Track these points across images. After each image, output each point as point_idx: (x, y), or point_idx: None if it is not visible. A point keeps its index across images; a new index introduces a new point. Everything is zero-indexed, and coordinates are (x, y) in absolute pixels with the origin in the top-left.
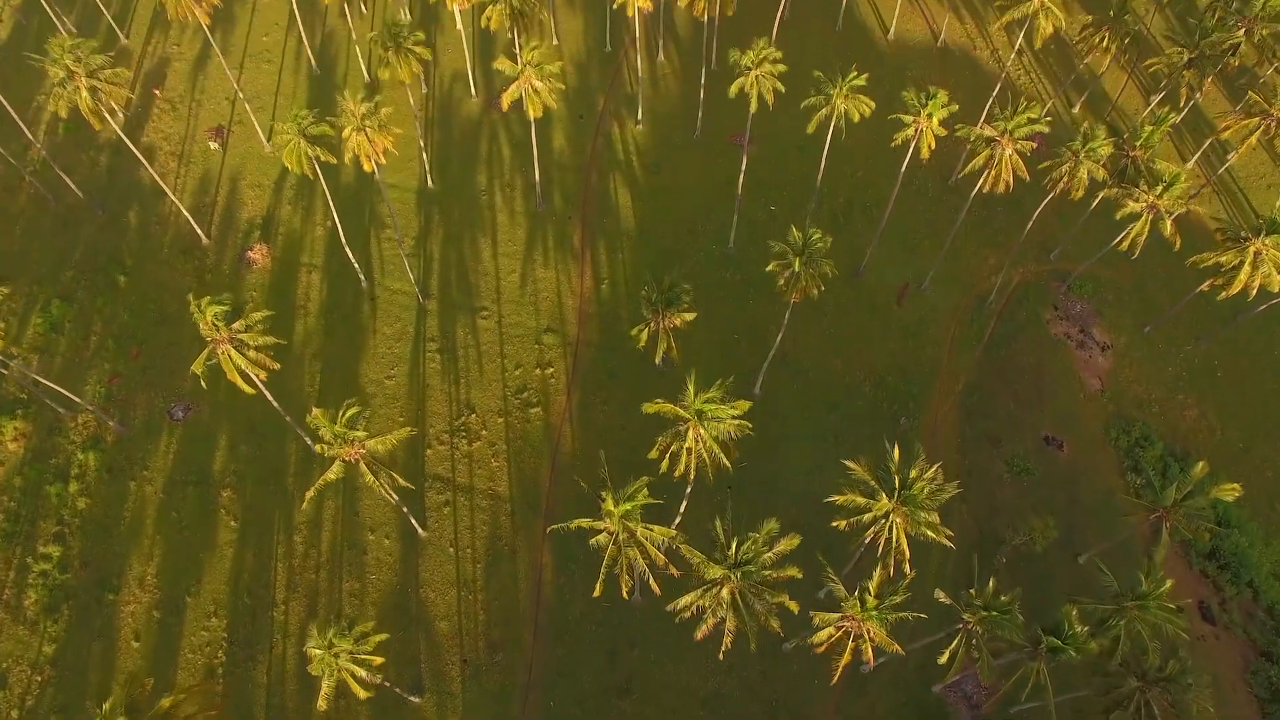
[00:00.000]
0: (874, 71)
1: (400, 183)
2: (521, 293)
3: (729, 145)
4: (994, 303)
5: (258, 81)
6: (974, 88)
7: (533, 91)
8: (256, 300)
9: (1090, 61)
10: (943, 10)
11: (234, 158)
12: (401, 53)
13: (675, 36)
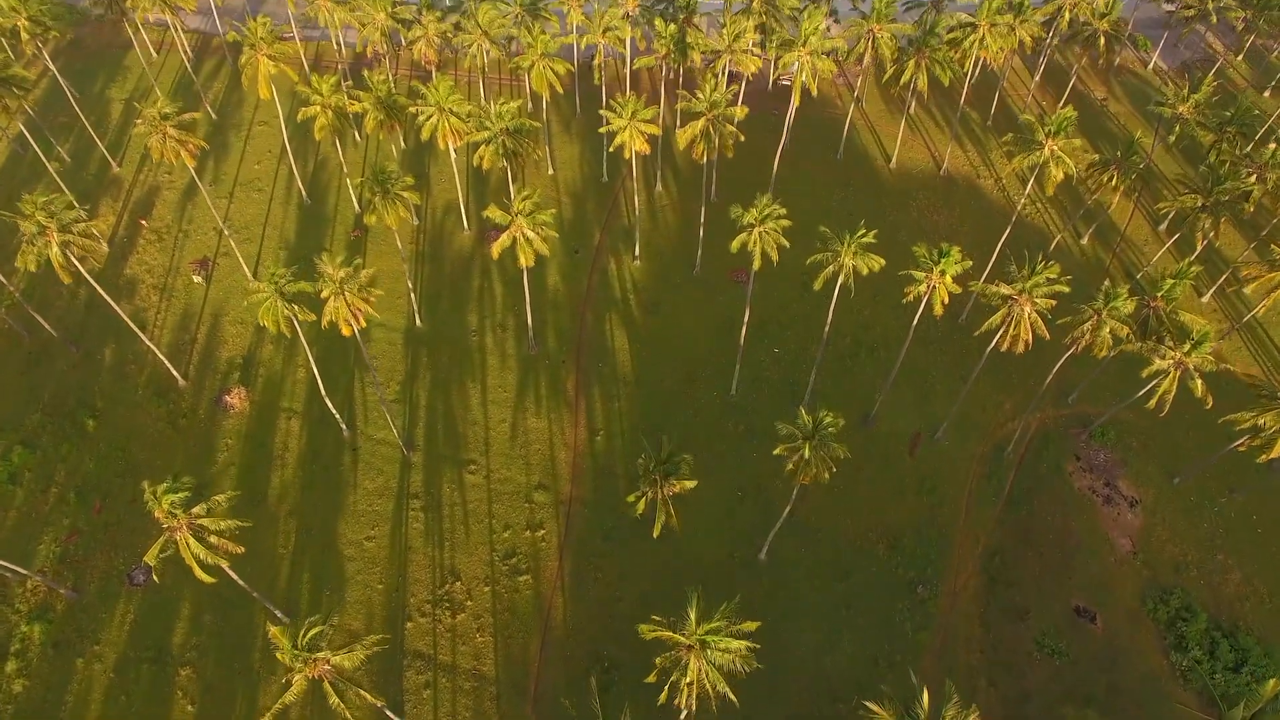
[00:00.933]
0: (877, 201)
1: (388, 321)
2: (512, 444)
3: (730, 282)
4: (1012, 453)
5: (247, 211)
6: (979, 218)
7: (525, 241)
8: (231, 448)
9: (1099, 196)
10: (945, 139)
11: (217, 292)
12: (389, 198)
13: (674, 166)
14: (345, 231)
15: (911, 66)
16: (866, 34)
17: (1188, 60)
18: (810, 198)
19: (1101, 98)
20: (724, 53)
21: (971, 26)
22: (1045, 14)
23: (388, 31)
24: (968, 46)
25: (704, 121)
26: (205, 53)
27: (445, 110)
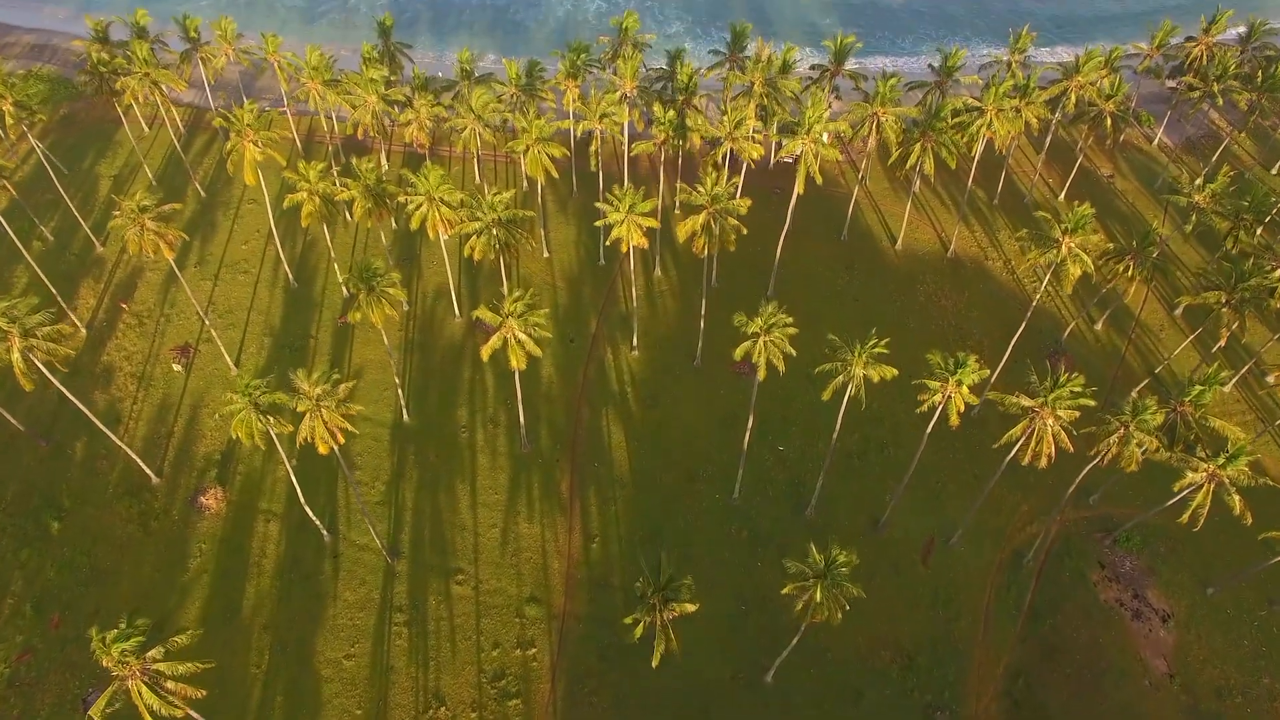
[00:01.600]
0: (883, 285)
1: (374, 415)
2: (502, 552)
3: (732, 374)
4: (1032, 560)
5: (232, 294)
6: (989, 302)
7: (516, 343)
8: (205, 553)
9: (1114, 285)
10: (951, 219)
11: (197, 382)
12: (374, 296)
13: (673, 248)
14: (332, 317)
15: (917, 150)
16: (870, 117)
17: (1192, 136)
18: (814, 281)
19: (1108, 175)
20: (725, 140)
21: (978, 111)
22: (1051, 95)
23: (379, 113)
24: (974, 131)
25: (705, 216)
26: (198, 127)
27: (436, 200)
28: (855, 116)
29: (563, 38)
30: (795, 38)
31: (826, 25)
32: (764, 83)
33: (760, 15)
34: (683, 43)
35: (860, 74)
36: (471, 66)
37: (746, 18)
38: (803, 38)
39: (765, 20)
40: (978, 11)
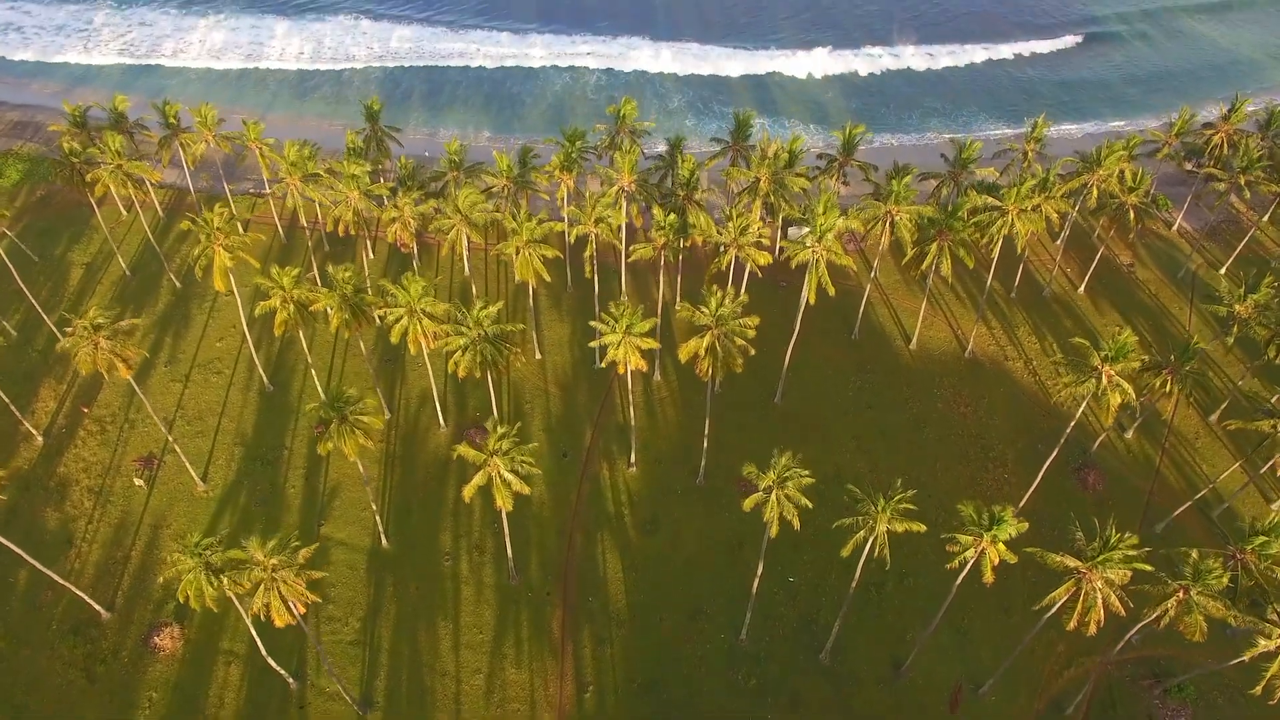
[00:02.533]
0: (898, 389)
1: (350, 539)
2: (487, 703)
3: (739, 493)
4: (1073, 713)
5: (203, 397)
6: (1011, 408)
7: (501, 483)
8: (155, 703)
9: (1151, 400)
10: (968, 315)
11: (160, 498)
12: (346, 426)
13: (673, 351)
14: (308, 424)
15: (934, 250)
16: (884, 216)
17: (1213, 222)
18: (824, 386)
19: (1128, 263)
20: (730, 246)
21: (998, 210)
22: (1071, 188)
23: (361, 210)
24: (995, 232)
25: (710, 338)
26: (178, 210)
27: (417, 312)
28: (868, 214)
29: (560, 112)
30: (797, 113)
31: (829, 99)
32: (770, 179)
33: (761, 90)
34: (684, 118)
35: (870, 165)
36: (461, 157)
37: (747, 94)
38: (805, 113)
39: (766, 94)
40: (983, 87)
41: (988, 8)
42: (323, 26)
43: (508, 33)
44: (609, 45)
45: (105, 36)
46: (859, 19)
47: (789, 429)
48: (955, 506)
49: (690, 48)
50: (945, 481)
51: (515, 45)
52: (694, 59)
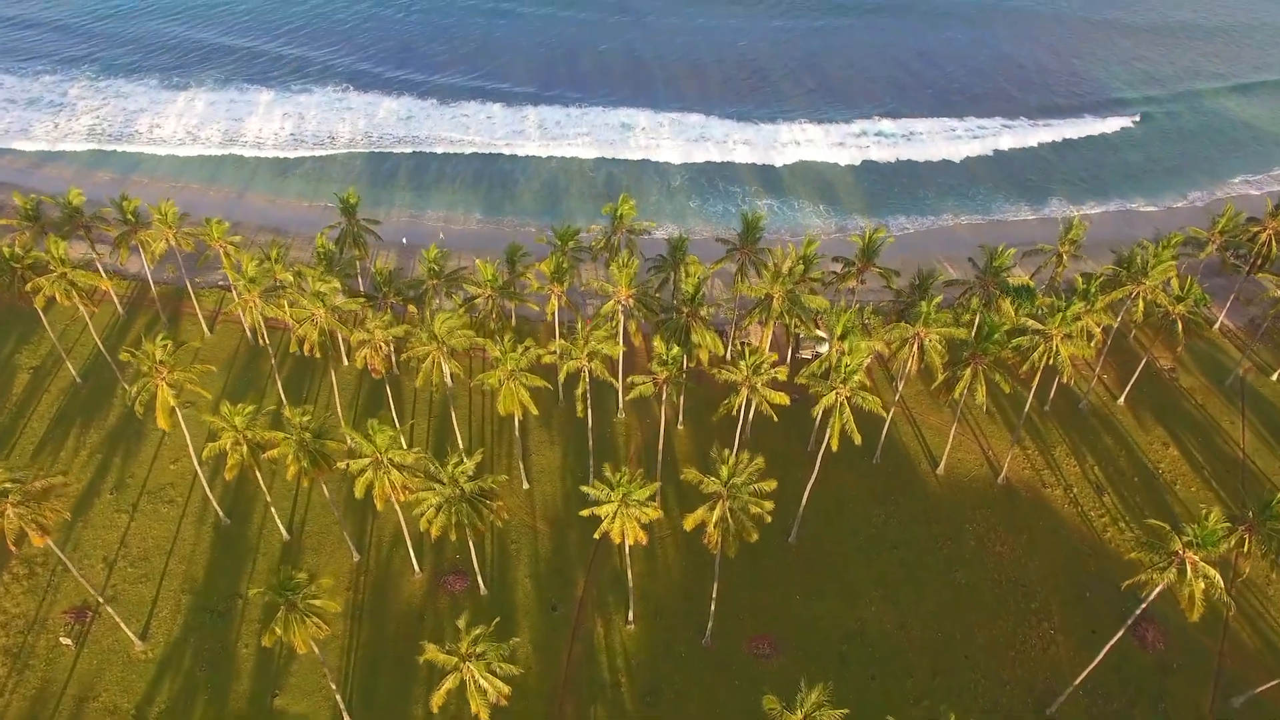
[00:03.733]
0: (925, 525)
1: (307, 714)
2: None
3: (749, 656)
4: None
5: (151, 532)
6: (1051, 545)
7: (477, 689)
8: None
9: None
10: (1000, 433)
11: (89, 662)
12: (295, 614)
13: (675, 475)
14: (269, 566)
15: (968, 376)
16: (912, 339)
17: (1256, 317)
18: (843, 521)
19: (1169, 368)
20: (743, 385)
21: (1040, 334)
22: (1114, 299)
23: (328, 330)
24: (1037, 358)
25: (720, 508)
26: (140, 304)
27: (385, 464)
28: (893, 337)
29: (554, 191)
30: (805, 192)
31: (838, 175)
32: (784, 296)
33: (768, 171)
34: (687, 198)
35: (891, 270)
36: (441, 264)
37: (753, 170)
38: (813, 191)
39: (772, 170)
40: (1000, 164)
41: (1002, 83)
42: (308, 99)
43: (500, 104)
44: (607, 115)
45: (80, 110)
46: (869, 89)
47: (806, 575)
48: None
49: (691, 120)
50: (982, 638)
51: (509, 119)
52: (697, 133)
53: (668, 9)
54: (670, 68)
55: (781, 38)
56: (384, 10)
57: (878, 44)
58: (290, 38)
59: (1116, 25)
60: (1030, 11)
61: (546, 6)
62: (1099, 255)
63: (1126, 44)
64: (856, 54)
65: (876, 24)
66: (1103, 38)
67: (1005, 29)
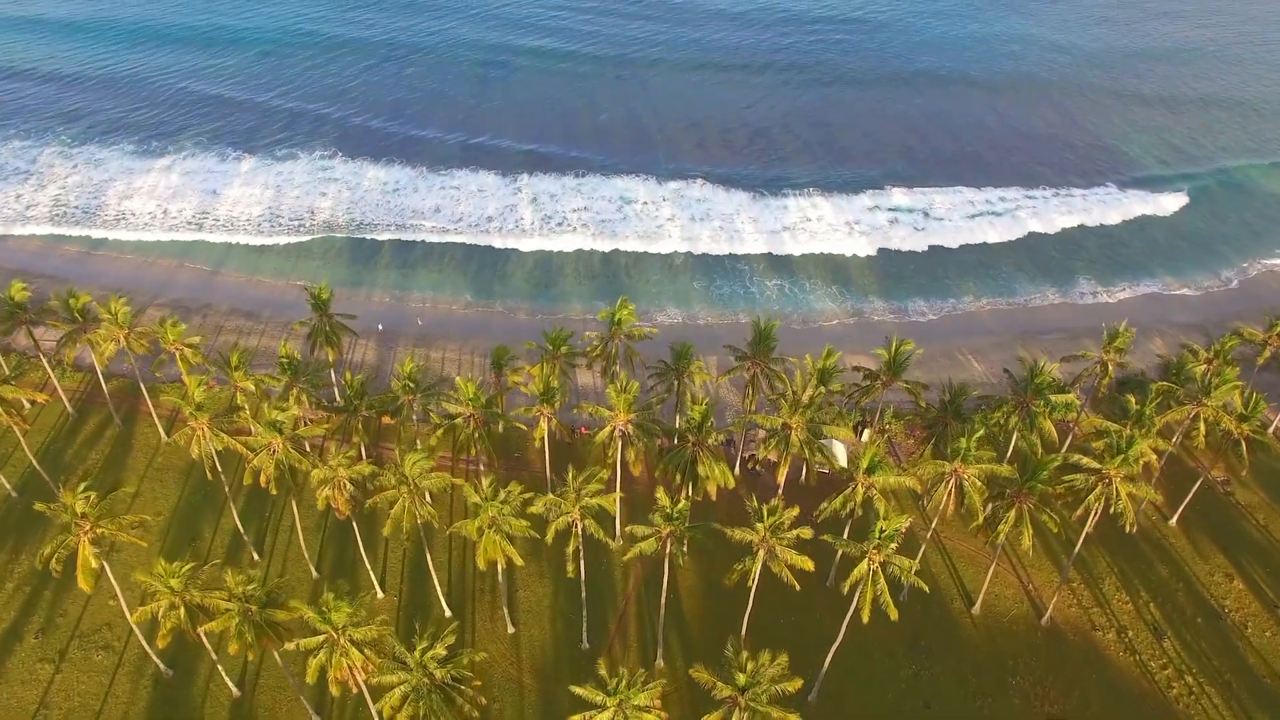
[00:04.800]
0: (961, 677)
1: None
2: None
3: None
4: None
5: (79, 686)
6: (1106, 701)
7: None
8: None
9: None
10: (1042, 566)
11: None
12: None
13: (679, 624)
14: None
15: (1012, 518)
16: (950, 476)
17: None
18: (870, 672)
19: (1222, 480)
20: (759, 546)
21: (1096, 473)
22: (1173, 420)
23: (288, 464)
24: (1093, 501)
25: (737, 718)
26: (92, 404)
27: (341, 643)
28: (928, 473)
29: (546, 274)
30: (817, 272)
31: (852, 255)
32: (804, 427)
33: (775, 242)
34: (690, 278)
35: (919, 385)
36: (417, 378)
37: (760, 248)
38: (825, 271)
39: (781, 248)
40: (1020, 241)
41: (1021, 154)
42: (292, 166)
43: (493, 173)
44: (605, 184)
45: (48, 178)
46: (881, 157)
47: None
48: None
49: (694, 192)
50: None
51: (501, 190)
52: (701, 209)
53: (669, 70)
54: (670, 132)
55: (788, 103)
56: (376, 71)
57: (889, 111)
58: (279, 98)
59: (1137, 97)
60: (1044, 80)
61: (544, 60)
62: (1139, 347)
63: (1149, 116)
64: (866, 120)
65: (888, 92)
66: (1123, 109)
67: (1020, 99)
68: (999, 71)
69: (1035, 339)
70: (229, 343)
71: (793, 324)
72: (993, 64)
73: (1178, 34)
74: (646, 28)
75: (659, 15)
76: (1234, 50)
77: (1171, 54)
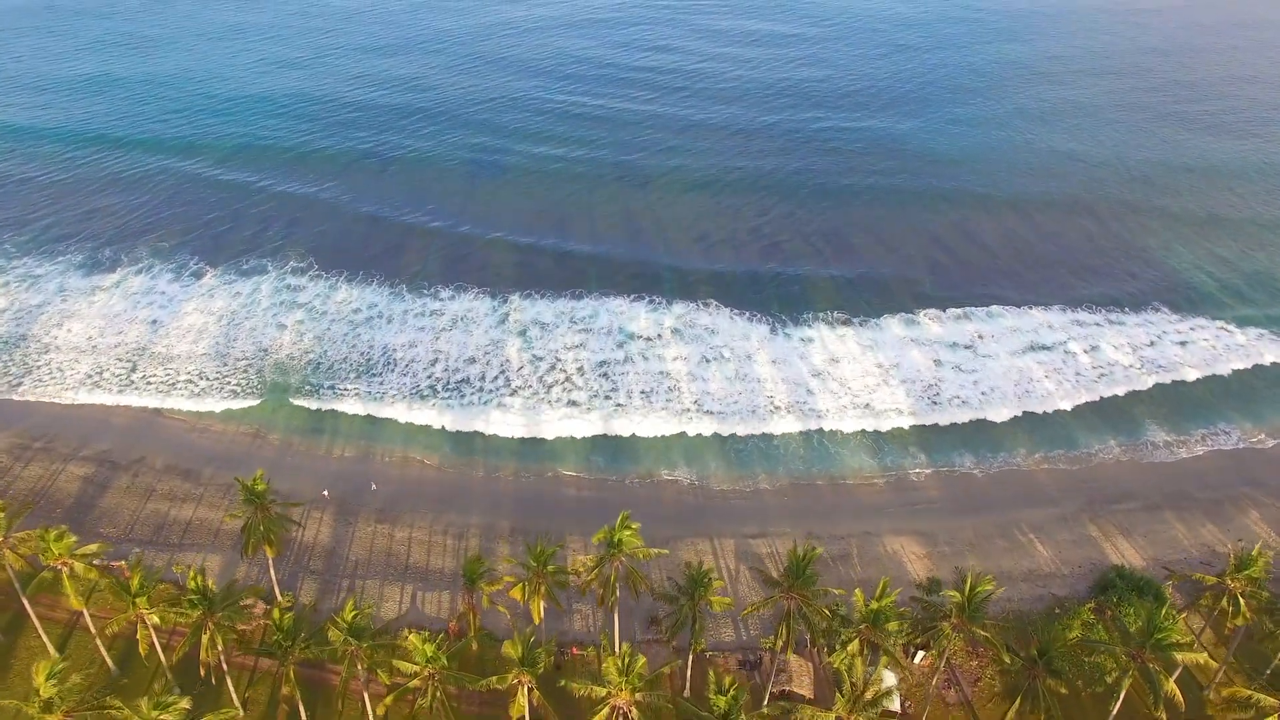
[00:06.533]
0: None
1: None
2: None
3: None
4: None
5: None
6: None
7: None
8: None
9: None
10: None
11: None
12: None
13: None
14: None
15: None
16: None
17: None
18: None
19: None
20: None
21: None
22: None
23: None
24: None
25: None
26: None
27: None
28: None
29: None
30: (850, 412)
31: (888, 401)
32: None
33: (799, 389)
34: (706, 465)
35: (1001, 639)
36: (365, 622)
37: (781, 392)
38: (859, 413)
39: (806, 393)
40: (1074, 379)
41: (1064, 273)
42: (259, 283)
43: (480, 291)
44: (604, 308)
45: None
46: (909, 275)
47: None
48: None
49: (703, 320)
50: None
51: (487, 316)
52: (710, 344)
53: (674, 178)
54: (676, 243)
55: (804, 214)
56: (358, 170)
57: (914, 224)
58: (255, 199)
59: (1182, 214)
60: (1080, 194)
61: (540, 162)
62: (1231, 521)
63: (1200, 237)
64: (889, 233)
65: (911, 202)
66: (1168, 225)
67: (1055, 212)
68: (1031, 183)
69: (1107, 511)
70: (158, 514)
71: (819, 486)
72: (1023, 175)
73: (1220, 148)
74: (652, 137)
75: (666, 126)
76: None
77: (1215, 170)
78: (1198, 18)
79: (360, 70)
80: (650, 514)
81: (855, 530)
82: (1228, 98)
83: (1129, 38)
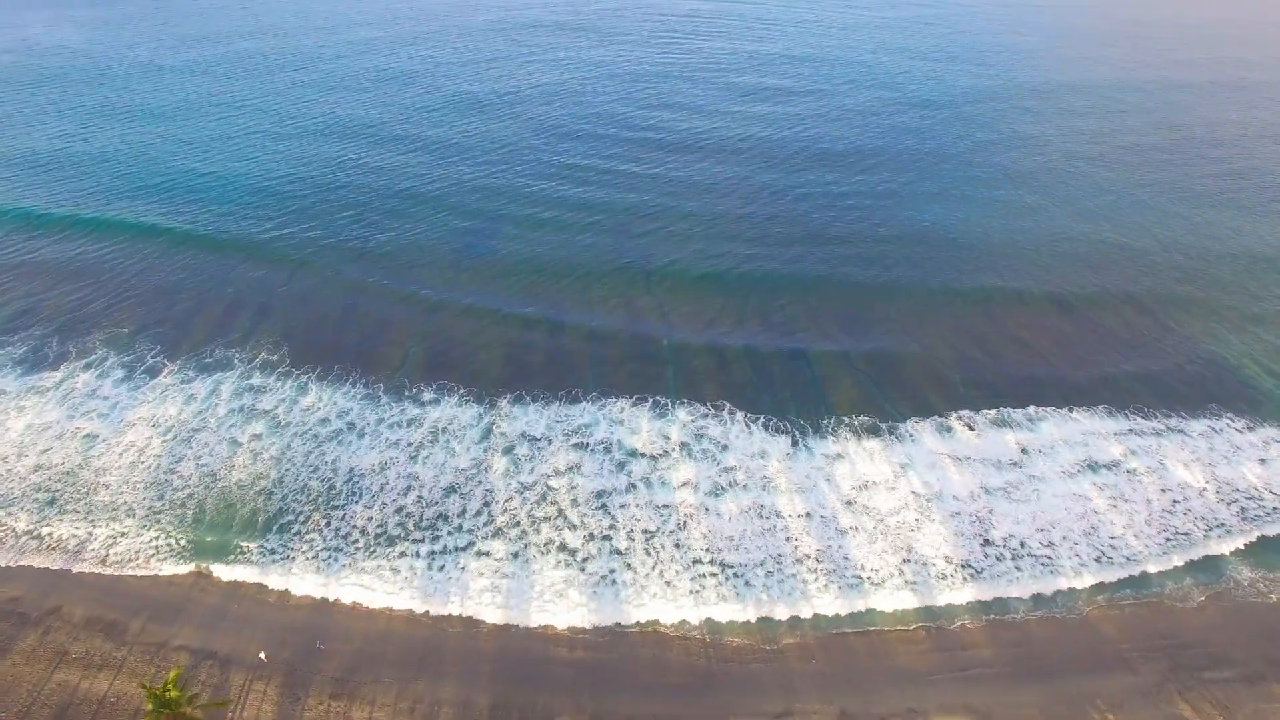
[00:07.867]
0: None
1: None
2: None
3: None
4: None
5: None
6: None
7: None
8: None
9: None
10: None
11: None
12: None
13: None
14: None
15: None
16: None
17: None
18: None
19: None
20: None
21: None
22: None
23: None
24: None
25: None
26: None
27: None
28: None
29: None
30: (880, 549)
31: (923, 530)
32: None
33: (817, 507)
34: (719, 619)
35: None
36: None
37: (795, 510)
38: (890, 548)
39: (825, 508)
40: (1135, 499)
41: (1108, 369)
42: (218, 383)
43: (464, 395)
44: (603, 415)
45: None
46: (938, 370)
47: None
48: None
49: (713, 431)
50: None
51: (471, 429)
52: (719, 464)
53: (679, 278)
54: (679, 335)
55: (818, 304)
56: (338, 252)
57: (939, 314)
58: (226, 282)
59: (1234, 308)
60: (1124, 286)
61: (533, 229)
62: None
63: (1252, 324)
64: (914, 325)
65: (936, 294)
66: (1226, 322)
67: (1095, 304)
68: (1070, 270)
69: (1198, 683)
70: (65, 688)
71: (852, 643)
72: (1060, 261)
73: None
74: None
75: (670, 212)
76: None
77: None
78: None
79: (344, 144)
80: (653, 685)
81: (898, 708)
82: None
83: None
